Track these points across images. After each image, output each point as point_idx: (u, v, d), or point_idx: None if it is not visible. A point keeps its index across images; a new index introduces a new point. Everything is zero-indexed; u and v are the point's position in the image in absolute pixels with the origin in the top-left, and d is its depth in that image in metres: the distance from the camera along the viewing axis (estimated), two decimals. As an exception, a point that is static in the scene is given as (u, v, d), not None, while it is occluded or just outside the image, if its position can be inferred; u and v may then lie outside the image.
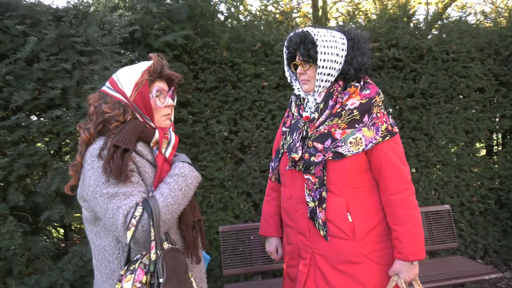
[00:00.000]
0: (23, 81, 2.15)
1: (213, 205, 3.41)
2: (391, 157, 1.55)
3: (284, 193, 1.73)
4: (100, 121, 1.27)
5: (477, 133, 3.93)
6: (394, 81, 3.70)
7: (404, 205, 1.53)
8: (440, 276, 2.97)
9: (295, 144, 1.60)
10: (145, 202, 1.18)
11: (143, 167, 1.26)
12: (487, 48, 3.95)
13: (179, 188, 1.24)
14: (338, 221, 1.55)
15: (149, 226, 1.15)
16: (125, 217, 1.14)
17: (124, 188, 1.18)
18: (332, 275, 1.58)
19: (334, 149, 1.54)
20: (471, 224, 3.91)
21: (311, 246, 1.62)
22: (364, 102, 1.56)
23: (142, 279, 1.11)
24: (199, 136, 3.41)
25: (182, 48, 3.32)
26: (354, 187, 1.57)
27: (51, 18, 2.16)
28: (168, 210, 1.20)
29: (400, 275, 1.56)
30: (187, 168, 1.30)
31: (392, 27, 3.76)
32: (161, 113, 1.36)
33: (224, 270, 2.97)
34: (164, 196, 1.20)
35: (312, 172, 1.55)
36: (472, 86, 3.87)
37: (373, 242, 1.59)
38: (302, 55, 1.59)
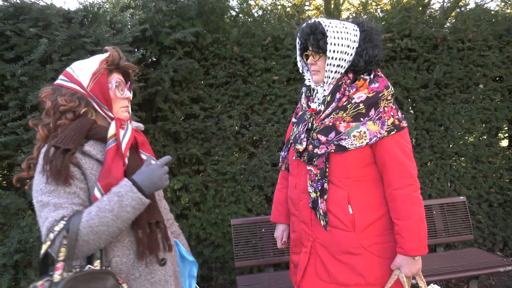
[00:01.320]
0: (38, 81, 2.25)
1: (226, 199, 3.47)
2: (396, 152, 1.55)
3: (291, 182, 1.77)
4: (58, 116, 1.22)
5: (495, 123, 3.83)
6: (407, 72, 3.65)
7: (407, 200, 1.54)
8: (453, 268, 2.93)
9: (300, 135, 1.64)
10: (69, 218, 1.11)
11: (90, 169, 1.21)
12: (505, 35, 3.83)
13: (110, 209, 1.14)
14: (338, 212, 1.57)
15: (71, 243, 1.08)
16: (48, 230, 1.10)
17: (55, 198, 1.13)
18: (331, 264, 1.61)
19: (337, 142, 1.54)
20: (489, 216, 3.83)
21: (312, 235, 1.66)
22: (371, 96, 1.56)
23: None
24: (210, 131, 3.46)
25: (192, 44, 3.38)
26: (357, 180, 1.58)
27: (61, 20, 2.23)
28: (92, 231, 1.11)
29: (402, 270, 1.56)
30: (127, 188, 1.18)
31: (406, 16, 3.70)
32: (119, 105, 1.33)
33: (236, 262, 3.03)
34: (90, 216, 1.12)
35: (315, 164, 1.57)
36: (489, 75, 3.77)
37: (375, 235, 1.60)
38: (312, 46, 1.60)
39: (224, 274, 3.58)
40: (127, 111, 1.36)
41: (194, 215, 3.46)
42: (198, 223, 3.43)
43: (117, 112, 1.32)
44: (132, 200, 1.17)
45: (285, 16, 3.92)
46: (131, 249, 1.25)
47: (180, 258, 1.56)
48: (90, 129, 1.23)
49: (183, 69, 3.26)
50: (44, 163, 1.14)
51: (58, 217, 1.10)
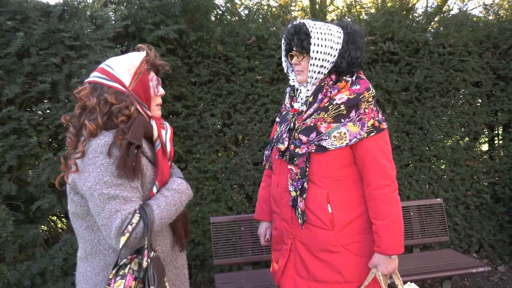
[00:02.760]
0: (14, 75, 2.23)
1: (206, 197, 3.48)
2: (375, 153, 1.58)
3: (274, 180, 1.80)
4: (105, 111, 1.23)
5: (473, 127, 3.91)
6: (389, 74, 3.70)
7: (385, 200, 1.57)
8: (428, 269, 2.99)
9: (282, 135, 1.67)
10: (142, 210, 1.20)
11: (145, 166, 1.28)
12: (485, 41, 3.90)
13: (174, 204, 1.28)
14: (317, 211, 1.61)
15: (142, 234, 1.17)
16: (122, 222, 1.15)
17: (124, 192, 1.19)
18: (310, 262, 1.64)
19: (317, 142, 1.57)
20: (466, 218, 3.90)
21: (292, 233, 1.69)
22: (352, 97, 1.58)
23: (132, 285, 1.13)
24: (192, 129, 3.47)
25: (176, 42, 3.37)
26: (337, 179, 1.61)
27: (39, 14, 2.22)
28: (161, 223, 1.24)
29: (379, 268, 1.60)
30: (185, 186, 1.35)
31: (389, 20, 3.75)
32: (156, 102, 1.39)
33: (215, 260, 3.04)
34: (160, 209, 1.24)
35: (295, 163, 1.60)
36: (468, 80, 3.84)
37: (353, 234, 1.63)
38: (296, 46, 1.63)
39: (204, 272, 3.58)
40: (160, 109, 1.42)
41: (174, 213, 3.45)
42: (178, 221, 3.43)
43: (153, 110, 1.37)
44: (188, 196, 1.36)
45: (270, 16, 3.94)
46: (168, 238, 1.38)
47: None
48: (147, 127, 1.30)
49: (165, 66, 3.25)
50: (117, 157, 1.17)
51: (131, 210, 1.18)
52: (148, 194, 1.28)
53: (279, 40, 3.57)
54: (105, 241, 1.26)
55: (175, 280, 1.42)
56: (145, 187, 1.28)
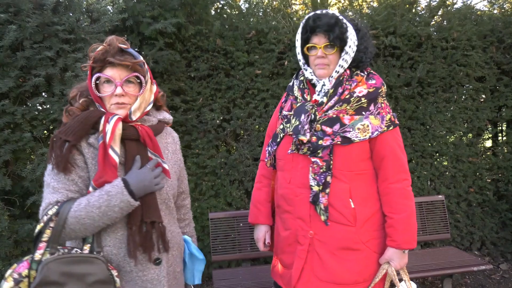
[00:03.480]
0: (8, 68, 2.20)
1: (205, 193, 3.45)
2: (394, 147, 1.58)
3: (283, 178, 1.68)
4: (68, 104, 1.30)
5: (476, 123, 3.85)
6: (391, 69, 3.64)
7: (402, 194, 1.56)
8: (429, 267, 2.95)
9: (303, 126, 1.57)
10: (62, 204, 1.18)
11: (91, 159, 1.24)
12: (490, 35, 3.83)
13: (97, 206, 1.18)
14: (340, 206, 1.55)
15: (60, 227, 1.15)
16: (43, 210, 1.18)
17: (55, 182, 1.20)
18: (330, 261, 1.57)
19: (342, 134, 1.54)
20: (468, 216, 3.86)
21: (310, 231, 1.60)
22: (372, 91, 1.58)
23: (22, 272, 1.11)
24: (191, 124, 3.43)
25: (174, 36, 3.33)
26: (358, 173, 1.58)
27: (32, 6, 2.18)
28: (78, 222, 1.17)
29: (391, 263, 1.57)
30: (117, 189, 1.19)
31: (391, 14, 3.68)
32: (110, 102, 1.27)
33: (213, 256, 3.02)
34: (79, 207, 1.17)
35: (320, 156, 1.54)
36: (472, 75, 3.78)
37: (372, 230, 1.60)
38: (333, 39, 1.54)
39: (202, 267, 3.56)
40: (120, 108, 1.27)
41: (173, 208, 3.43)
42: (176, 216, 3.41)
43: (109, 109, 1.28)
44: (121, 202, 1.20)
45: (271, 10, 3.88)
46: (124, 243, 1.26)
47: (190, 255, 1.57)
48: (97, 122, 1.24)
49: (164, 60, 3.22)
50: (49, 149, 1.22)
51: (53, 201, 1.18)
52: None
53: (279, 34, 3.52)
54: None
55: None
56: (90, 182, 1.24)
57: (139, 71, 1.29)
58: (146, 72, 1.32)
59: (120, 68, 1.26)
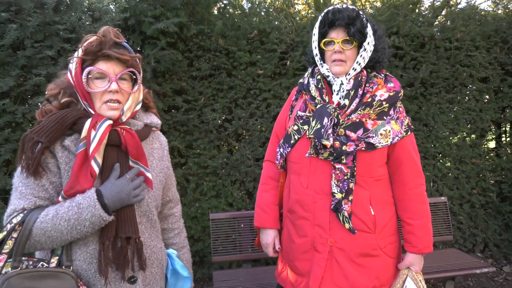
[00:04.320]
0: (9, 67, 2.19)
1: (206, 193, 3.44)
2: (411, 152, 1.57)
3: (299, 182, 1.61)
4: (45, 102, 1.18)
5: (479, 124, 3.82)
6: (393, 70, 3.62)
7: (420, 200, 1.57)
8: (430, 269, 2.93)
9: (326, 130, 1.48)
10: (29, 212, 1.08)
11: (65, 164, 1.13)
12: (493, 36, 3.80)
13: (66, 219, 1.08)
14: (361, 213, 1.52)
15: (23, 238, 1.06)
16: (8, 216, 1.09)
17: (23, 187, 1.11)
18: (350, 269, 1.54)
19: (366, 140, 1.50)
20: (470, 217, 3.83)
21: (330, 239, 1.55)
22: (392, 95, 1.54)
23: None
24: (193, 124, 3.42)
25: (176, 35, 3.32)
26: (377, 179, 1.56)
27: (33, 5, 2.17)
28: (44, 234, 1.08)
29: (412, 268, 1.58)
30: (90, 202, 1.09)
31: (394, 14, 3.66)
32: (101, 99, 1.16)
33: (214, 256, 3.01)
34: (45, 219, 1.08)
35: (344, 162, 1.49)
36: (475, 76, 3.75)
37: (389, 235, 1.59)
38: (353, 33, 1.48)
39: (203, 268, 3.55)
40: (113, 109, 1.17)
41: (174, 208, 3.42)
42: (177, 217, 3.40)
43: (99, 108, 1.16)
44: (92, 216, 1.09)
45: (273, 10, 3.87)
46: (96, 258, 1.16)
47: (173, 272, 1.43)
48: (76, 123, 1.13)
49: (166, 60, 3.21)
50: (18, 150, 1.11)
51: (19, 207, 1.09)
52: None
53: (281, 34, 3.51)
54: None
55: None
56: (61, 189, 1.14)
57: (135, 66, 1.20)
58: (140, 68, 1.24)
59: (115, 62, 1.16)
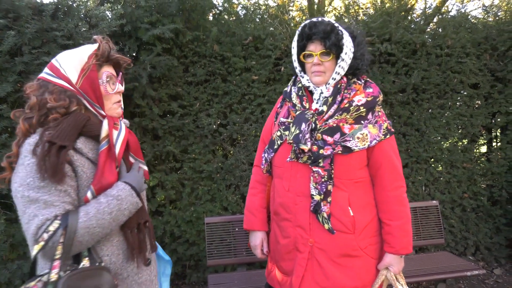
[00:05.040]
0: (6, 73, 2.22)
1: (201, 197, 3.47)
2: (391, 155, 1.62)
3: (281, 185, 1.69)
4: (43, 112, 1.15)
5: (470, 129, 3.89)
6: (386, 76, 3.68)
7: (399, 201, 1.61)
8: (423, 271, 2.98)
9: (304, 135, 1.56)
10: (64, 217, 1.09)
11: (81, 167, 1.16)
12: (483, 43, 3.88)
13: (109, 212, 1.14)
14: (340, 214, 1.58)
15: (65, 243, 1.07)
16: (38, 228, 1.06)
17: (46, 195, 1.08)
18: (330, 268, 1.59)
19: (343, 143, 1.55)
20: (462, 221, 3.89)
21: (310, 240, 1.61)
22: (370, 100, 1.60)
23: None
24: (188, 128, 3.46)
25: (172, 41, 3.36)
26: (356, 181, 1.61)
27: (31, 12, 2.21)
28: (88, 232, 1.11)
29: (390, 268, 1.62)
30: (127, 192, 1.19)
31: (386, 21, 3.73)
32: (112, 100, 1.26)
33: (209, 260, 3.04)
34: (88, 217, 1.11)
35: (321, 165, 1.56)
36: (466, 82, 3.82)
37: (369, 236, 1.64)
38: (329, 46, 1.55)
39: (198, 272, 3.58)
40: (120, 107, 1.30)
41: (169, 213, 3.45)
42: (173, 221, 3.43)
43: (110, 109, 1.26)
44: (130, 204, 1.20)
45: (268, 16, 3.92)
46: (120, 249, 1.24)
47: (157, 256, 1.54)
48: (84, 126, 1.18)
49: (161, 65, 3.24)
50: (37, 158, 1.07)
51: (50, 216, 1.07)
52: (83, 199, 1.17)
53: (276, 41, 3.56)
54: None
55: None
56: (82, 191, 1.16)
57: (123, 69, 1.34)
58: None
59: (112, 66, 1.29)
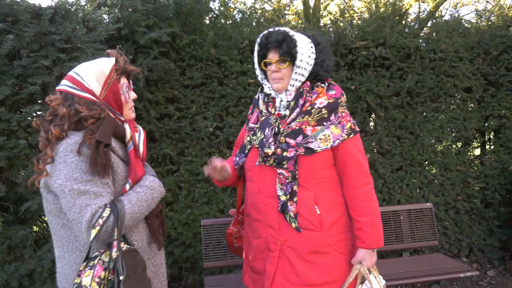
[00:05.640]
0: (4, 77, 2.24)
1: (198, 200, 3.49)
2: (355, 154, 1.67)
3: (252, 188, 1.77)
4: (74, 120, 1.29)
5: (463, 133, 3.94)
6: (380, 79, 3.72)
7: (367, 198, 1.67)
8: (417, 273, 3.01)
9: (267, 139, 1.65)
10: (113, 204, 1.25)
11: (116, 163, 1.32)
12: (476, 47, 3.94)
13: (145, 199, 1.34)
14: (307, 213, 1.64)
15: (113, 228, 1.22)
16: (93, 215, 1.20)
17: (94, 187, 1.23)
18: (300, 266, 1.65)
19: (305, 145, 1.61)
20: (456, 223, 3.93)
21: (280, 239, 1.68)
22: (332, 101, 1.66)
23: (101, 275, 1.17)
24: (185, 131, 3.48)
25: (169, 45, 3.39)
26: (321, 181, 1.67)
27: (30, 16, 2.23)
28: (132, 217, 1.29)
29: (363, 263, 1.67)
30: (157, 183, 1.41)
31: (381, 25, 3.78)
32: (128, 107, 1.44)
33: (205, 262, 3.05)
34: (131, 204, 1.29)
35: (285, 167, 1.62)
36: (459, 86, 3.88)
37: (338, 233, 1.69)
38: (283, 54, 1.63)
39: (195, 274, 3.59)
40: (133, 111, 1.48)
41: (166, 215, 3.47)
42: (169, 223, 3.44)
43: (126, 114, 1.43)
44: (160, 194, 1.43)
45: (264, 20, 3.96)
46: (144, 234, 1.42)
47: None
48: (116, 128, 1.35)
49: (158, 69, 3.27)
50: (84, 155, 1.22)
51: (101, 204, 1.22)
52: (120, 190, 1.33)
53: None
54: (81, 237, 1.30)
55: (153, 278, 1.45)
56: (116, 184, 1.32)
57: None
58: None
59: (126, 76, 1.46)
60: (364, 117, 3.79)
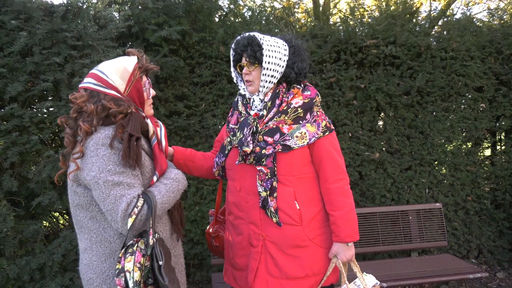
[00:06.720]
0: (17, 73, 2.27)
1: (206, 197, 3.51)
2: (330, 151, 1.75)
3: (233, 186, 1.83)
4: (103, 115, 1.33)
5: (474, 133, 3.90)
6: (390, 78, 3.70)
7: (341, 193, 1.73)
8: (425, 274, 3.00)
9: (246, 138, 1.71)
10: (145, 195, 1.31)
11: (144, 156, 1.39)
12: (488, 46, 3.90)
13: (172, 190, 1.41)
14: (287, 208, 1.70)
15: (147, 216, 1.28)
16: (128, 205, 1.26)
17: (127, 179, 1.29)
18: (282, 260, 1.71)
19: (283, 142, 1.68)
20: (465, 224, 3.90)
21: (262, 234, 1.73)
22: (307, 101, 1.74)
23: (141, 261, 1.23)
24: (194, 129, 3.50)
25: (179, 42, 3.40)
26: (300, 177, 1.73)
27: (42, 13, 2.25)
28: (162, 207, 1.36)
29: (338, 257, 1.72)
30: (181, 176, 1.49)
31: (391, 24, 3.75)
32: (148, 103, 1.51)
33: (213, 259, 3.07)
34: (161, 194, 1.36)
35: (264, 164, 1.69)
36: (470, 85, 3.83)
37: (317, 227, 1.76)
38: (248, 57, 1.71)
39: (202, 271, 3.61)
40: (152, 107, 1.57)
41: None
42: (177, 220, 3.46)
43: (147, 110, 1.51)
44: (183, 186, 1.50)
45: (273, 18, 3.96)
46: (167, 225, 1.50)
47: None
48: (141, 122, 1.41)
49: (168, 66, 3.29)
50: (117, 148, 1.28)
51: (135, 194, 1.28)
52: (148, 182, 1.40)
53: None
54: (110, 229, 1.35)
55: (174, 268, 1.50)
56: (143, 176, 1.38)
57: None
58: None
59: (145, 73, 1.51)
60: (373, 116, 3.77)
